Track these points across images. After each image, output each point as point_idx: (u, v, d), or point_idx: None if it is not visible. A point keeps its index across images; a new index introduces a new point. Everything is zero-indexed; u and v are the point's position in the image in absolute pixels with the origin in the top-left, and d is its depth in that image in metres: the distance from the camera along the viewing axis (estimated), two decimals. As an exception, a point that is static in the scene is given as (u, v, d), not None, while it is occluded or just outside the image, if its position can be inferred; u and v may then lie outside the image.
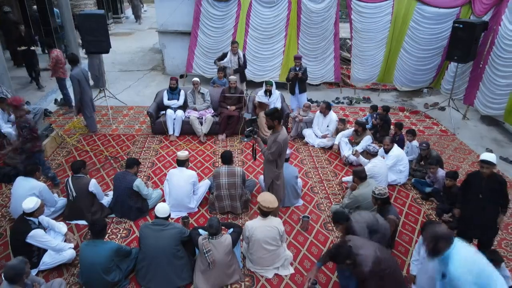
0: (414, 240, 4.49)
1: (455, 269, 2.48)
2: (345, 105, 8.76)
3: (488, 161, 3.76)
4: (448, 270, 2.52)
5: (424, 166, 5.68)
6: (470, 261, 2.51)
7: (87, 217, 4.55)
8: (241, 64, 7.73)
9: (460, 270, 2.45)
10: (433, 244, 2.60)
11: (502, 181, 3.88)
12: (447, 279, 2.56)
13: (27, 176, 4.48)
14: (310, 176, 5.80)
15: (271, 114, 4.20)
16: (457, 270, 2.46)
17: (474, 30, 6.88)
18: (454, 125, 7.53)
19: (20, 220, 3.80)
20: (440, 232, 2.64)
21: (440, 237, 2.59)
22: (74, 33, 10.17)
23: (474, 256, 2.58)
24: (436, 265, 2.70)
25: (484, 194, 3.86)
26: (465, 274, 2.43)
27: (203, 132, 6.77)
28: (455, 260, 2.50)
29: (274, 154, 4.21)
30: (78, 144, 6.51)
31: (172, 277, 3.67)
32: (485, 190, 3.84)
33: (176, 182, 4.74)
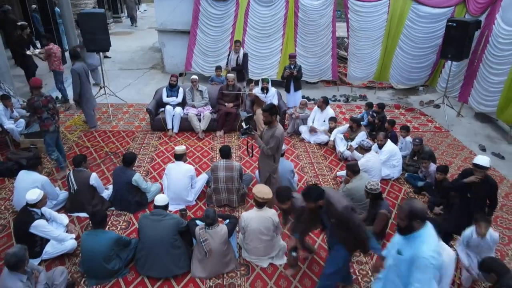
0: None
1: (424, 250, 2.45)
2: (342, 102, 8.89)
3: (481, 166, 3.83)
4: (417, 249, 2.49)
5: (417, 161, 5.81)
6: (435, 243, 2.54)
7: (88, 209, 4.68)
8: (239, 63, 7.84)
9: (428, 252, 2.45)
10: (408, 222, 2.56)
11: (493, 184, 3.93)
12: (406, 257, 2.57)
13: (30, 170, 4.61)
14: (306, 171, 5.93)
15: (269, 109, 4.33)
16: (426, 252, 2.45)
17: (467, 29, 7.01)
18: (448, 122, 7.66)
19: (23, 211, 3.93)
20: (417, 210, 2.57)
21: (416, 215, 2.54)
22: (75, 32, 10.31)
23: (436, 239, 2.59)
24: (396, 240, 2.71)
25: (472, 193, 3.96)
26: (431, 256, 2.44)
27: (202, 128, 6.90)
28: (426, 240, 2.50)
29: (272, 148, 4.35)
30: (79, 140, 6.65)
31: (170, 266, 3.81)
32: (474, 190, 3.92)
33: (174, 176, 4.88)
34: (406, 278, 2.56)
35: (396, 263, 2.69)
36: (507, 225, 4.81)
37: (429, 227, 2.59)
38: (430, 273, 2.44)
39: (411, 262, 2.51)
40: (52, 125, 5.24)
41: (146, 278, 3.84)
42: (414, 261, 2.48)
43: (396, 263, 2.69)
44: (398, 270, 2.67)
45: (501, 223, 4.85)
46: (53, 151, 5.37)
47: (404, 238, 2.63)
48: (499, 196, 5.37)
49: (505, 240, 4.54)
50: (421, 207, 2.62)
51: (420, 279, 2.46)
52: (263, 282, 3.87)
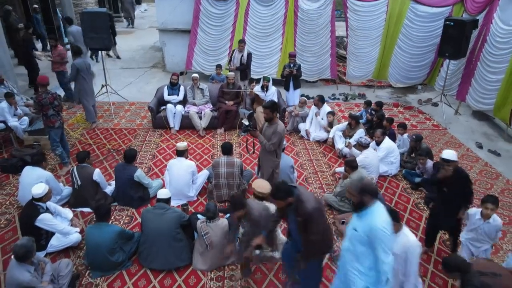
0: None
1: (377, 222, 2.62)
2: (341, 101, 8.99)
3: (447, 159, 3.93)
4: (371, 223, 2.64)
5: (414, 158, 5.91)
6: (386, 215, 2.69)
7: (91, 204, 4.78)
8: (243, 63, 7.88)
9: (380, 223, 2.61)
10: (360, 198, 2.71)
11: (463, 176, 3.99)
12: (360, 232, 2.72)
13: (34, 166, 4.71)
14: (305, 168, 6.03)
15: (270, 106, 4.42)
16: (379, 224, 2.61)
17: (465, 28, 7.11)
18: (446, 120, 7.76)
19: (29, 205, 4.03)
20: (367, 186, 2.74)
21: (366, 191, 2.69)
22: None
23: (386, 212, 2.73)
24: (353, 218, 2.84)
25: (448, 187, 4.05)
26: (383, 227, 2.60)
27: (202, 126, 7.00)
28: (377, 214, 2.66)
29: (275, 144, 4.45)
30: (81, 137, 6.75)
31: (172, 258, 3.91)
32: (449, 184, 4.01)
33: (176, 172, 4.97)
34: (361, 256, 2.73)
35: (352, 241, 2.82)
36: (502, 220, 4.87)
37: (379, 205, 2.74)
38: (389, 242, 2.63)
39: (367, 237, 2.67)
40: (57, 122, 5.36)
41: (149, 270, 3.94)
42: (371, 235, 2.64)
43: (351, 242, 2.83)
44: (353, 248, 2.81)
45: (496, 218, 4.94)
46: (58, 146, 5.47)
47: (358, 216, 2.79)
48: (495, 192, 5.50)
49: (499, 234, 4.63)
50: (371, 184, 2.79)
51: (383, 249, 2.62)
52: (263, 274, 3.97)
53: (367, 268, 2.77)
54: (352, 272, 2.84)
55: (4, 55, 7.22)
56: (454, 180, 3.91)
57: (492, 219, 3.79)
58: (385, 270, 2.65)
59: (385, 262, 2.64)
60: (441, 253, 4.35)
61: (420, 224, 4.81)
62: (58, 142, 5.47)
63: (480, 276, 2.88)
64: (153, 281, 3.85)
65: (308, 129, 6.97)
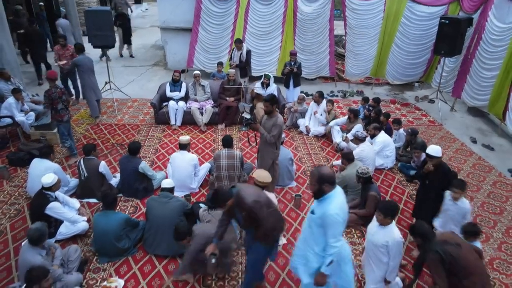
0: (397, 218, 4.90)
1: (331, 208, 2.78)
2: (339, 98, 9.16)
3: (430, 155, 4.12)
4: (325, 208, 2.81)
5: (409, 151, 6.09)
6: (341, 202, 2.87)
7: (97, 195, 4.96)
8: (242, 60, 8.04)
9: (334, 210, 2.78)
10: (319, 186, 2.85)
11: (446, 172, 4.17)
12: (317, 215, 2.90)
13: (43, 158, 4.90)
14: (303, 162, 6.21)
15: (270, 99, 4.61)
16: (333, 210, 2.78)
17: (459, 26, 7.27)
18: (441, 116, 7.94)
19: (39, 194, 4.21)
20: (325, 175, 2.86)
21: (325, 180, 2.83)
22: (80, 29, 10.60)
23: (343, 200, 2.92)
24: (314, 203, 3.00)
25: (429, 180, 4.25)
26: (336, 213, 2.78)
27: (204, 122, 7.18)
28: (333, 201, 2.82)
29: (275, 136, 4.64)
30: (86, 132, 6.93)
31: (175, 245, 4.05)
32: (430, 178, 4.22)
33: (179, 164, 5.15)
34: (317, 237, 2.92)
35: (310, 223, 3.02)
36: (493, 210, 5.08)
37: (338, 191, 2.92)
38: (339, 228, 2.82)
39: (321, 220, 2.86)
40: (66, 116, 5.58)
41: (154, 256, 4.13)
42: (324, 219, 2.82)
43: (310, 224, 3.02)
44: (311, 230, 3.00)
45: (487, 208, 5.12)
46: (67, 139, 5.71)
47: (317, 201, 2.95)
48: (488, 184, 5.68)
49: (491, 223, 4.82)
50: (329, 173, 2.93)
51: (332, 234, 2.82)
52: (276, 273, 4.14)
53: (321, 250, 2.96)
54: (309, 251, 3.04)
55: (10, 53, 7.40)
56: (437, 175, 4.13)
57: (460, 202, 4.01)
58: (331, 253, 2.85)
59: (332, 246, 2.83)
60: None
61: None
62: (67, 136, 5.69)
63: (444, 244, 3.05)
64: (157, 266, 4.03)
65: (308, 125, 7.14)
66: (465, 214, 4.00)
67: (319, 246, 2.97)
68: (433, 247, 3.04)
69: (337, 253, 2.87)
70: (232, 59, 8.00)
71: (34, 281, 2.94)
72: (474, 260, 3.07)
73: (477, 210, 5.05)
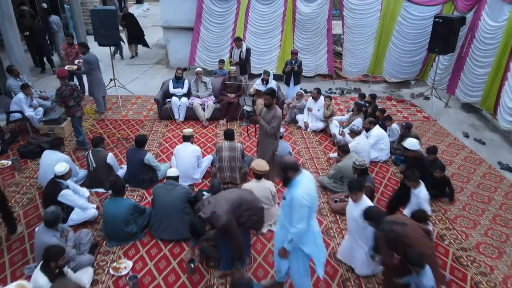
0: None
1: (297, 192, 3.00)
2: (337, 95, 9.41)
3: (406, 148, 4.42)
4: (293, 193, 3.03)
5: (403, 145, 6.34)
6: (310, 188, 3.11)
7: (105, 185, 5.22)
8: (241, 58, 8.30)
9: (303, 191, 3.00)
10: (284, 174, 3.11)
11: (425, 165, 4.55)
12: (287, 200, 3.13)
13: (53, 149, 5.15)
14: (302, 155, 6.47)
15: (271, 93, 4.89)
16: (301, 192, 2.99)
17: (453, 24, 7.52)
18: (436, 112, 8.19)
19: (52, 182, 4.46)
20: (287, 162, 3.14)
21: (288, 167, 3.09)
22: (84, 28, 10.85)
23: (311, 184, 3.16)
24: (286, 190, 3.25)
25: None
26: (304, 196, 2.99)
27: (206, 117, 7.44)
28: (300, 186, 3.04)
29: (275, 127, 4.91)
30: (92, 127, 7.19)
31: (181, 229, 4.33)
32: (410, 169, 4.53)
33: (182, 156, 5.41)
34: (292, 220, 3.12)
35: (283, 209, 3.27)
36: (482, 200, 5.33)
37: (306, 176, 3.16)
38: (304, 211, 3.01)
39: (290, 204, 3.09)
40: (78, 112, 5.86)
41: (160, 240, 4.38)
42: (292, 201, 3.06)
43: (283, 209, 3.27)
44: (285, 215, 3.25)
45: (476, 198, 5.37)
46: (80, 134, 6.02)
47: (287, 188, 3.19)
48: (478, 176, 5.93)
49: (479, 212, 5.07)
50: (291, 160, 3.22)
51: (296, 217, 3.03)
52: (262, 244, 4.41)
53: None
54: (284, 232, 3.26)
55: (19, 52, 7.65)
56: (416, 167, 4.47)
57: (417, 191, 4.30)
58: (293, 232, 3.08)
59: (296, 226, 3.06)
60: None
61: (406, 203, 5.23)
62: (80, 130, 5.97)
63: (391, 224, 3.37)
64: (163, 250, 4.28)
65: (306, 121, 7.40)
66: (420, 203, 4.26)
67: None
68: (380, 227, 3.37)
69: (298, 234, 3.09)
70: (232, 57, 8.25)
71: (51, 258, 3.19)
72: (416, 236, 3.39)
73: (466, 200, 5.31)
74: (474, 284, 3.93)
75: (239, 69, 8.19)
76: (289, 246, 3.18)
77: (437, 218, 4.94)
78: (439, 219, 4.93)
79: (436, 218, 4.93)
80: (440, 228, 4.75)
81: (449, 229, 4.75)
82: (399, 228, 3.33)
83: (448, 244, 4.48)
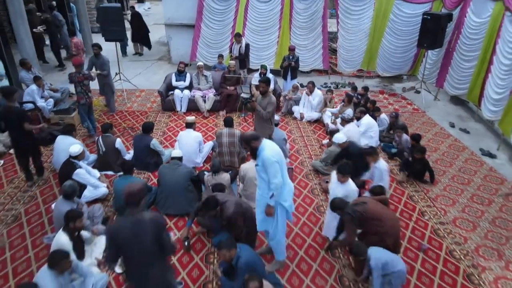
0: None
1: (265, 154, 3.49)
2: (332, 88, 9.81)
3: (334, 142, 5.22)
4: (262, 157, 3.51)
5: (392, 134, 6.78)
6: (274, 148, 3.59)
7: (114, 168, 5.66)
8: (241, 52, 8.72)
9: (269, 152, 3.50)
10: (249, 146, 3.59)
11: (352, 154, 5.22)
12: (260, 165, 3.58)
13: (66, 135, 5.58)
14: (297, 142, 6.90)
15: (266, 81, 5.32)
16: (268, 152, 3.49)
17: (440, 21, 7.96)
18: (425, 104, 8.62)
19: (66, 162, 4.89)
20: (247, 135, 3.66)
21: (250, 139, 3.58)
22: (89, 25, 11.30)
23: (276, 147, 3.65)
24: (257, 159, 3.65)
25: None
26: (272, 155, 3.50)
27: (206, 108, 7.88)
28: (265, 149, 3.53)
29: (270, 112, 5.33)
30: (99, 117, 7.62)
31: (185, 205, 4.76)
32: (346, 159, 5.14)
33: (185, 141, 5.83)
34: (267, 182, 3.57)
35: (259, 174, 3.70)
36: (462, 181, 5.77)
37: (267, 142, 3.63)
38: (275, 167, 3.49)
39: (263, 167, 3.55)
40: (83, 99, 6.26)
41: (165, 216, 4.80)
42: (263, 164, 3.53)
43: (259, 175, 3.70)
44: (261, 179, 3.68)
45: (457, 180, 5.81)
46: (85, 120, 6.44)
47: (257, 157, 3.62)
48: (460, 161, 6.37)
49: (458, 192, 5.50)
50: (249, 133, 3.74)
51: (271, 173, 3.48)
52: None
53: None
54: (264, 197, 3.70)
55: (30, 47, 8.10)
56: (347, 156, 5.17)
57: (377, 164, 4.82)
58: (272, 187, 3.52)
59: (273, 182, 3.50)
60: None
61: (392, 185, 5.64)
62: (85, 117, 6.40)
63: (353, 206, 3.83)
64: (169, 223, 4.71)
65: (302, 112, 7.83)
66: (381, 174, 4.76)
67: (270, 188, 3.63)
68: (345, 211, 3.81)
69: (277, 187, 3.53)
70: (232, 52, 8.68)
71: (71, 219, 3.64)
72: (380, 209, 3.87)
73: (447, 181, 5.74)
74: (449, 252, 4.37)
75: (238, 63, 8.61)
76: (272, 201, 3.63)
77: (419, 197, 5.38)
78: (421, 197, 5.37)
79: (418, 197, 5.37)
80: (422, 206, 5.19)
81: (429, 206, 5.19)
82: (361, 207, 3.78)
83: (428, 219, 4.92)
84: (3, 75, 7.53)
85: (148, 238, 2.76)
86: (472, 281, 4.00)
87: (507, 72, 6.54)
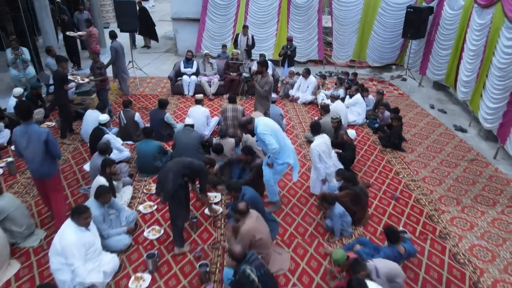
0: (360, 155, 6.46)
1: (259, 127, 4.38)
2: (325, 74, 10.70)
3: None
4: (256, 133, 4.41)
5: (376, 112, 7.69)
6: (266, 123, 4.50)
7: (134, 138, 6.56)
8: (249, 44, 9.56)
9: (261, 127, 4.38)
10: (247, 129, 4.51)
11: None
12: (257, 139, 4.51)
13: (96, 110, 6.47)
14: (292, 119, 7.81)
15: (262, 62, 6.20)
16: (260, 128, 4.37)
17: (421, 13, 8.85)
18: (410, 90, 9.52)
19: (96, 129, 5.79)
20: (242, 120, 4.60)
21: (245, 124, 4.48)
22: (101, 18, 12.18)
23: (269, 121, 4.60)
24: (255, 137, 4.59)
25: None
26: (264, 129, 4.37)
27: (211, 92, 8.78)
28: (258, 125, 4.41)
29: (267, 91, 6.21)
30: (116, 99, 8.52)
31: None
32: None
33: (195, 115, 6.71)
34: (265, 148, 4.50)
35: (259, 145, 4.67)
36: (434, 150, 6.67)
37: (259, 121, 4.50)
38: (268, 137, 4.36)
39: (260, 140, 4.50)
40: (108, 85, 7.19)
41: (180, 173, 5.69)
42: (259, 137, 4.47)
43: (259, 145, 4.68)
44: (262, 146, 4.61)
45: (430, 149, 6.71)
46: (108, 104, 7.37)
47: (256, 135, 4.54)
48: (435, 135, 7.27)
49: (430, 157, 6.39)
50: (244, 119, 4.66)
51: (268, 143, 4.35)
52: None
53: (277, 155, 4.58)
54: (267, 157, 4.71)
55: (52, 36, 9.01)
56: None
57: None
58: (269, 149, 4.43)
59: (269, 148, 4.40)
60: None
61: (374, 152, 6.54)
62: (107, 101, 7.34)
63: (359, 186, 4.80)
64: (183, 179, 5.60)
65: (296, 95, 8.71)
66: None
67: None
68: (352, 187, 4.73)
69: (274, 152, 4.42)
70: (239, 44, 9.49)
71: (107, 164, 4.55)
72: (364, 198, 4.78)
73: (422, 150, 6.64)
74: (416, 200, 5.27)
75: (245, 53, 9.39)
76: (270, 159, 4.62)
77: (396, 162, 6.27)
78: (398, 162, 6.27)
79: (396, 162, 6.27)
80: (398, 168, 6.09)
81: (404, 168, 6.09)
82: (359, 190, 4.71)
83: (402, 177, 5.82)
84: (28, 61, 8.41)
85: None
86: (433, 220, 4.90)
87: (474, 57, 7.42)
